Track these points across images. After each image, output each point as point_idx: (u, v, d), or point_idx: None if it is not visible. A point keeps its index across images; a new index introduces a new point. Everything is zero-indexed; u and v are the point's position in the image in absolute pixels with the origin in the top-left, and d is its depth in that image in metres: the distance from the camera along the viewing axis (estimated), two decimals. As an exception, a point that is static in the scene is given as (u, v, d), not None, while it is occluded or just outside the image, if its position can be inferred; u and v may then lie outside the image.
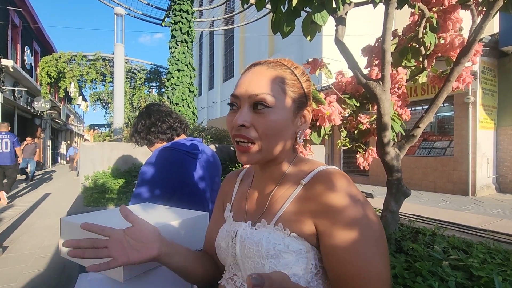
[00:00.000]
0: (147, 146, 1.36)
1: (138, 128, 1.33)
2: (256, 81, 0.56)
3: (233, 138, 0.58)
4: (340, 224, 0.49)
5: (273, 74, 0.57)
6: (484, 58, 6.73)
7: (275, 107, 0.55)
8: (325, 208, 0.51)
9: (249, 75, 0.58)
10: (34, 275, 2.67)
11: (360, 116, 1.69)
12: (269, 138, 0.55)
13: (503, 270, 0.96)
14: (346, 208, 0.50)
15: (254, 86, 0.56)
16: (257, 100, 0.55)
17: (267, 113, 0.55)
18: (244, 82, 0.57)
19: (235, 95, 0.57)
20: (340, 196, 0.51)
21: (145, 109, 1.38)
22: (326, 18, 1.17)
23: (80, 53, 10.07)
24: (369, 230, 0.49)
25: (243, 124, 0.54)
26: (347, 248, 0.48)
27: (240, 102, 0.57)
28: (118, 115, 5.95)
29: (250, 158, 0.56)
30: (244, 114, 0.55)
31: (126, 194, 2.99)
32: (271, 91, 0.55)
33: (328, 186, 0.52)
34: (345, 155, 10.05)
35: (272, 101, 0.55)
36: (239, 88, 0.57)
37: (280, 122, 0.55)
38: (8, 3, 10.69)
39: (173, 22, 6.02)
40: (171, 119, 1.34)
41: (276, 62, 0.60)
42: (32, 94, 12.87)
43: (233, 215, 0.66)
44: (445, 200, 6.12)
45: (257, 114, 0.55)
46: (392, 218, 1.38)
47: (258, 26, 13.02)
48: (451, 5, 1.30)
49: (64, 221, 0.75)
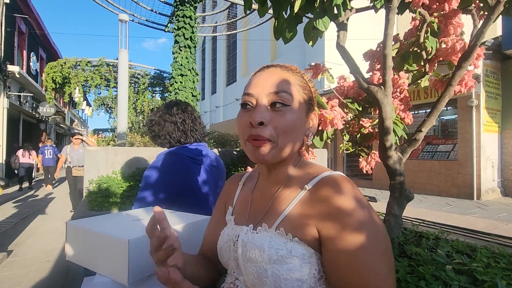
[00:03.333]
0: (159, 141, 1.31)
1: (180, 126, 1.26)
2: (273, 80, 0.57)
3: (244, 138, 0.57)
4: (346, 229, 0.49)
5: (288, 75, 0.59)
6: (487, 61, 6.71)
7: (292, 106, 0.56)
8: (329, 213, 0.51)
9: (265, 74, 0.59)
10: (39, 278, 2.69)
11: (362, 120, 1.69)
12: (286, 136, 0.56)
13: (507, 275, 0.95)
14: (352, 213, 0.50)
15: (273, 84, 0.57)
16: (277, 97, 0.56)
17: (285, 111, 0.55)
18: (260, 81, 0.58)
19: (250, 93, 0.58)
20: (346, 201, 0.51)
21: (185, 105, 1.32)
22: (328, 24, 1.19)
23: (85, 58, 10.21)
24: (376, 236, 0.49)
25: (262, 121, 0.54)
26: (353, 253, 0.48)
27: (256, 100, 0.57)
28: (121, 120, 6.00)
29: (266, 156, 0.56)
30: (262, 111, 0.55)
31: (130, 198, 3.00)
32: (289, 90, 0.57)
33: (333, 191, 0.52)
34: (348, 158, 10.01)
35: (290, 99, 0.56)
36: (255, 87, 0.58)
37: (296, 121, 0.57)
38: (15, 10, 10.88)
39: (176, 28, 6.09)
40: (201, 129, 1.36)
41: (287, 67, 0.62)
42: (37, 99, 13.02)
43: (235, 219, 0.66)
44: (449, 204, 6.06)
45: (275, 112, 0.55)
46: (395, 222, 1.38)
47: (261, 31, 13.11)
48: (452, 10, 1.31)
49: (70, 225, 0.76)
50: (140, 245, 0.66)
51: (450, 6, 1.17)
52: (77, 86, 10.22)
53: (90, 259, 0.72)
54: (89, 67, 10.33)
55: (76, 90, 10.25)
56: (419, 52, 1.42)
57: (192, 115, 1.33)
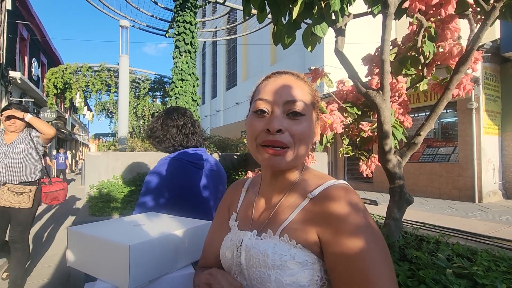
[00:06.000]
0: (163, 145, 1.34)
1: (183, 130, 1.31)
2: (289, 88, 0.58)
3: (256, 142, 0.58)
4: (343, 235, 0.49)
5: (301, 84, 0.60)
6: (486, 64, 6.73)
7: (307, 115, 0.58)
8: (330, 220, 0.52)
9: (280, 81, 0.60)
10: (39, 284, 2.68)
11: (361, 124, 1.70)
12: (301, 144, 0.57)
13: (507, 278, 0.95)
14: (351, 219, 0.50)
15: (290, 92, 0.58)
16: (294, 106, 0.56)
17: (302, 119, 0.57)
18: (276, 89, 0.59)
19: (266, 99, 0.58)
20: (346, 208, 0.51)
21: (184, 110, 1.37)
22: (326, 30, 1.20)
23: (86, 64, 10.28)
24: (376, 242, 0.49)
25: (280, 129, 0.55)
26: (353, 260, 0.48)
27: (272, 107, 0.58)
28: (122, 125, 6.01)
29: (284, 163, 0.57)
30: (280, 118, 0.56)
31: (131, 203, 3.01)
32: (305, 100, 0.58)
33: (335, 200, 0.53)
34: (348, 162, 10.00)
35: (306, 109, 0.57)
36: (271, 94, 0.58)
37: (311, 129, 0.58)
38: (16, 16, 10.98)
39: (176, 33, 6.13)
40: (200, 132, 1.39)
41: (299, 75, 0.63)
42: (39, 104, 13.08)
43: (238, 224, 0.66)
44: (451, 207, 6.04)
45: (292, 120, 0.57)
46: (395, 226, 1.38)
47: (261, 36, 13.20)
48: (448, 15, 1.33)
49: (71, 231, 0.76)
50: (141, 251, 0.66)
51: (447, 12, 1.18)
52: (78, 91, 10.27)
53: (91, 265, 0.72)
54: (90, 72, 10.39)
55: (77, 95, 10.30)
56: (417, 56, 1.44)
57: (191, 119, 1.38)
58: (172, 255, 0.75)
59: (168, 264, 0.74)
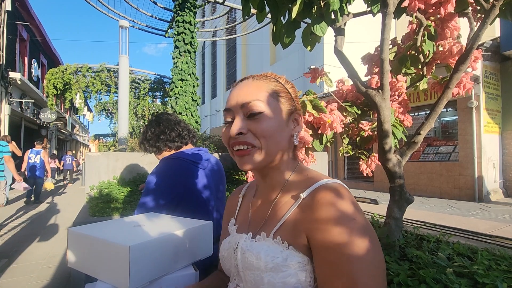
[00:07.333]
0: (155, 154, 1.39)
1: (147, 135, 1.36)
2: (245, 91, 0.60)
3: (231, 148, 0.60)
4: (328, 238, 0.49)
5: (260, 83, 0.61)
6: (486, 63, 6.73)
7: (267, 111, 0.58)
8: (317, 220, 0.51)
9: (237, 88, 0.62)
10: (40, 285, 2.68)
11: (361, 123, 1.70)
12: (267, 140, 0.57)
13: (508, 277, 0.95)
14: (337, 219, 0.49)
15: (244, 95, 0.59)
16: (250, 107, 0.58)
17: (261, 118, 0.57)
18: (234, 95, 0.61)
19: (227, 108, 0.61)
20: (333, 209, 0.51)
21: (155, 118, 1.41)
22: (325, 29, 1.20)
23: (86, 64, 10.27)
24: (362, 247, 0.48)
25: (240, 132, 0.57)
26: (336, 261, 0.47)
27: (233, 114, 0.60)
28: (122, 125, 6.01)
29: (252, 162, 0.58)
30: (239, 123, 0.58)
31: (131, 203, 3.01)
32: (261, 98, 0.58)
33: (323, 201, 0.52)
34: (349, 161, 10.00)
35: (263, 106, 0.58)
36: (230, 102, 0.61)
37: (275, 125, 0.58)
38: (16, 17, 10.98)
39: (176, 33, 6.12)
40: (179, 127, 1.38)
41: (261, 75, 0.64)
42: (39, 105, 13.09)
43: (237, 228, 0.68)
44: (451, 206, 6.04)
45: (252, 120, 0.58)
46: (395, 225, 1.38)
47: (260, 35, 13.19)
48: (448, 14, 1.32)
49: (72, 231, 0.76)
50: (141, 251, 0.66)
51: (446, 10, 1.18)
52: (78, 92, 10.27)
53: (91, 266, 0.73)
54: (90, 73, 10.39)
55: (77, 96, 10.29)
56: (416, 55, 1.44)
57: (173, 119, 1.41)
58: (172, 256, 0.75)
59: (168, 265, 0.74)
